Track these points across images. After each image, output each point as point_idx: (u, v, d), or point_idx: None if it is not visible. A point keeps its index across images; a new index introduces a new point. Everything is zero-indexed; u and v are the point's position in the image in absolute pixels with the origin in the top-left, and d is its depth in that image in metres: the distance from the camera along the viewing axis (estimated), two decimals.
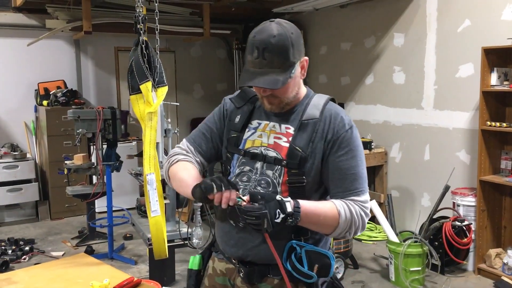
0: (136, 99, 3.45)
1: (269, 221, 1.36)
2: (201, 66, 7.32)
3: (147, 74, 3.34)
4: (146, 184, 3.30)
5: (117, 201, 4.98)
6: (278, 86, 1.47)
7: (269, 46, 1.45)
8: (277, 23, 1.49)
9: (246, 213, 1.36)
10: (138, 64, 3.37)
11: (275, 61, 1.46)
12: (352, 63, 5.70)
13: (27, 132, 6.19)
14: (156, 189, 3.31)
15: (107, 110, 4.57)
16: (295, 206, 1.42)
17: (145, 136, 3.33)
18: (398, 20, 5.08)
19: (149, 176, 3.29)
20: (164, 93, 3.47)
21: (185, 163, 1.68)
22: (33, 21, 6.04)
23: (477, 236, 4.10)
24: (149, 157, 3.30)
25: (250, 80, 1.48)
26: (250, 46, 1.49)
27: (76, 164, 4.69)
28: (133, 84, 3.44)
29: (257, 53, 1.46)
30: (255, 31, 1.51)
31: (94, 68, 6.56)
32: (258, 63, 1.47)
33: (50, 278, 2.12)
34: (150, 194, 3.29)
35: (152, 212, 3.29)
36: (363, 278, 4.07)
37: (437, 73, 4.69)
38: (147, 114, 3.32)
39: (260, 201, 1.39)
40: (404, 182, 5.11)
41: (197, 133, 1.76)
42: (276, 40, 1.45)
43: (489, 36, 4.13)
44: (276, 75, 1.47)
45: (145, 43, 3.42)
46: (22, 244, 4.77)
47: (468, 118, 4.41)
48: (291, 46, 1.47)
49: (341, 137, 1.54)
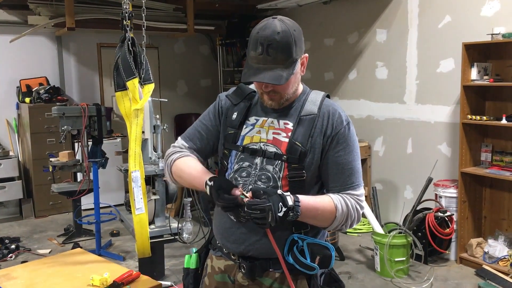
0: (121, 96, 3.44)
1: (273, 214, 1.40)
2: (184, 63, 7.32)
3: (134, 71, 3.34)
4: (131, 181, 3.29)
5: (103, 198, 4.96)
6: (282, 82, 1.50)
7: (274, 42, 1.47)
8: (280, 20, 1.51)
9: (251, 207, 1.40)
10: (125, 60, 3.36)
11: (278, 58, 1.49)
12: (335, 58, 5.78)
13: (9, 129, 6.11)
14: (140, 187, 3.30)
15: (92, 107, 4.55)
16: (295, 201, 1.47)
17: (131, 133, 3.32)
18: (380, 16, 5.17)
19: (134, 173, 3.28)
20: (151, 90, 3.47)
21: (185, 158, 1.69)
22: (14, 18, 5.96)
23: (459, 226, 4.22)
24: (134, 154, 3.29)
25: (255, 76, 1.50)
26: (254, 42, 1.50)
27: (62, 162, 4.67)
28: (118, 81, 3.43)
29: (261, 49, 1.48)
30: (258, 28, 1.52)
31: (76, 64, 6.50)
32: (262, 59, 1.49)
33: (49, 274, 2.13)
34: (134, 191, 3.28)
35: (137, 209, 3.28)
36: (349, 269, 4.16)
37: (419, 68, 4.79)
38: (133, 111, 3.30)
39: (262, 196, 1.43)
40: (387, 175, 5.21)
41: (191, 131, 1.77)
42: (280, 37, 1.47)
43: (469, 31, 4.24)
44: (280, 71, 1.50)
45: (131, 40, 3.42)
46: (8, 242, 4.72)
47: (449, 112, 4.52)
48: (294, 43, 1.50)
49: (340, 132, 1.59)
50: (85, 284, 2.02)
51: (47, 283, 2.05)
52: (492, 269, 3.86)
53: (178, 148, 1.75)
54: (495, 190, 4.24)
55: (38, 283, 2.05)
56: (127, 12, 3.45)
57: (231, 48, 7.20)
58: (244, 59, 6.92)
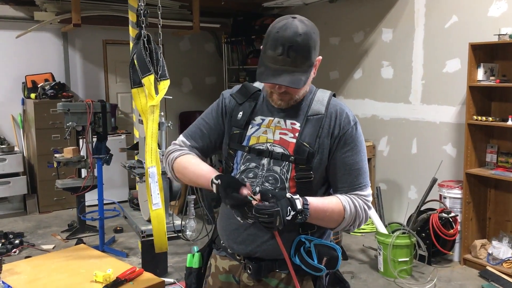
0: (137, 92, 3.46)
1: (281, 219, 1.39)
2: (189, 60, 7.32)
3: (149, 68, 3.34)
4: (148, 177, 3.30)
5: (107, 194, 4.97)
6: (300, 85, 1.47)
7: (295, 44, 1.43)
8: (300, 21, 1.47)
9: (259, 211, 1.39)
10: (141, 57, 3.38)
11: (298, 60, 1.45)
12: (341, 57, 5.76)
13: (15, 125, 6.13)
14: (157, 182, 3.31)
15: (97, 104, 4.56)
16: (304, 203, 1.45)
17: (147, 129, 3.33)
18: (386, 16, 5.15)
19: (151, 169, 3.29)
20: (167, 86, 3.47)
21: (187, 156, 1.68)
22: (20, 13, 5.97)
23: (463, 228, 4.21)
24: (150, 150, 3.30)
25: (274, 78, 1.46)
26: (273, 42, 1.45)
27: (66, 157, 4.68)
28: (134, 77, 3.45)
29: (282, 50, 1.44)
30: (278, 27, 1.46)
31: (82, 61, 6.51)
32: (281, 60, 1.45)
33: (53, 269, 2.13)
34: (151, 187, 3.29)
35: (154, 205, 3.28)
36: (352, 269, 4.15)
37: (425, 68, 4.77)
38: (149, 107, 3.31)
39: (271, 199, 1.42)
40: (391, 175, 5.20)
41: (193, 129, 1.74)
42: (302, 39, 1.44)
43: (476, 32, 4.22)
44: (299, 74, 1.47)
45: (147, 37, 3.44)
46: (12, 237, 4.74)
47: (454, 113, 4.50)
48: (314, 47, 1.48)
49: (347, 133, 1.57)
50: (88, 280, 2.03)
51: (51, 279, 2.05)
52: (496, 270, 3.85)
53: (178, 146, 1.73)
54: (500, 191, 4.22)
55: (42, 278, 2.06)
56: (142, 9, 3.45)
57: (237, 46, 7.20)
58: (249, 57, 6.91)
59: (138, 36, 3.38)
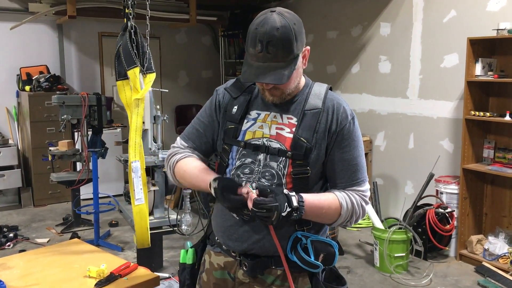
0: (122, 85, 3.40)
1: (279, 214, 1.38)
2: (186, 53, 7.27)
3: (135, 60, 3.29)
4: (131, 172, 3.26)
5: (102, 188, 4.95)
6: (284, 81, 1.44)
7: (273, 39, 1.40)
8: (278, 14, 1.44)
9: (258, 206, 1.38)
10: (126, 49, 3.32)
11: (279, 55, 1.43)
12: (338, 51, 5.73)
13: (9, 117, 6.08)
14: (140, 177, 3.27)
15: (92, 96, 4.52)
16: (299, 200, 1.44)
17: (131, 123, 3.28)
18: (384, 10, 5.12)
19: (134, 163, 3.24)
20: (152, 79, 3.43)
21: (187, 159, 1.66)
22: (15, 5, 5.90)
23: (459, 223, 4.20)
24: (134, 144, 3.25)
25: (256, 77, 1.45)
26: (253, 39, 1.43)
27: (61, 151, 4.64)
28: (119, 69, 3.39)
29: (261, 47, 1.41)
30: (256, 23, 1.44)
31: (77, 53, 6.46)
32: (262, 57, 1.43)
33: (46, 264, 2.11)
34: (134, 182, 3.24)
35: (136, 200, 3.25)
36: (348, 264, 4.14)
37: (423, 62, 4.75)
38: (134, 101, 3.26)
39: (269, 195, 1.41)
40: (388, 170, 5.18)
41: (190, 130, 1.72)
42: (280, 33, 1.40)
43: (474, 26, 4.19)
44: (281, 69, 1.44)
45: (134, 29, 3.37)
46: (6, 231, 4.70)
47: (452, 108, 4.49)
48: (294, 39, 1.44)
49: (345, 128, 1.55)
50: (81, 275, 2.00)
51: (43, 273, 2.03)
52: (492, 266, 3.85)
53: (178, 149, 1.71)
54: (497, 187, 4.22)
55: (35, 273, 2.03)
56: (129, 0, 3.40)
57: (233, 40, 7.15)
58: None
59: (125, 28, 3.33)
